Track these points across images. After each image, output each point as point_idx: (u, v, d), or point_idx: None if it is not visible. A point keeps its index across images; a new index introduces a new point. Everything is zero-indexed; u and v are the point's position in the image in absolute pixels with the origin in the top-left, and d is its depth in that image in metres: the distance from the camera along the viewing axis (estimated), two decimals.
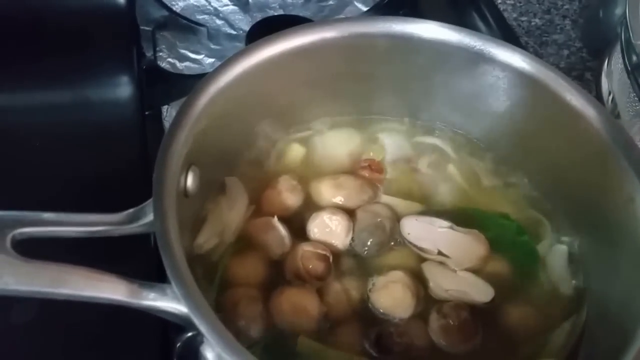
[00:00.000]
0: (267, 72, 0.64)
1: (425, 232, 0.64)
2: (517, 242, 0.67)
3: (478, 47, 0.65)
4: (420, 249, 0.64)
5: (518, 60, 0.64)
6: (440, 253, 0.64)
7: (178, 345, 0.63)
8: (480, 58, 0.65)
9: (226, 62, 0.62)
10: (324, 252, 0.63)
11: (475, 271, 0.63)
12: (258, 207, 0.66)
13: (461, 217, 0.67)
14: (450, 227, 0.64)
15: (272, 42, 0.64)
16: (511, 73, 0.65)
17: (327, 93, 0.71)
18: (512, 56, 0.65)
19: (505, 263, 0.65)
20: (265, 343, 0.59)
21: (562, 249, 0.66)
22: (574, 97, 0.62)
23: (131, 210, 0.54)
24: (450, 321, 0.60)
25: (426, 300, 0.62)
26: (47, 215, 0.51)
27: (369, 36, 0.66)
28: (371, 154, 0.72)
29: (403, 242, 0.65)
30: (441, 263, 0.64)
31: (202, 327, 0.47)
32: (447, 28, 0.65)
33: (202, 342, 0.53)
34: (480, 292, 0.62)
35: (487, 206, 0.69)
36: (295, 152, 0.71)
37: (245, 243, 0.64)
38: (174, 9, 0.98)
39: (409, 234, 0.65)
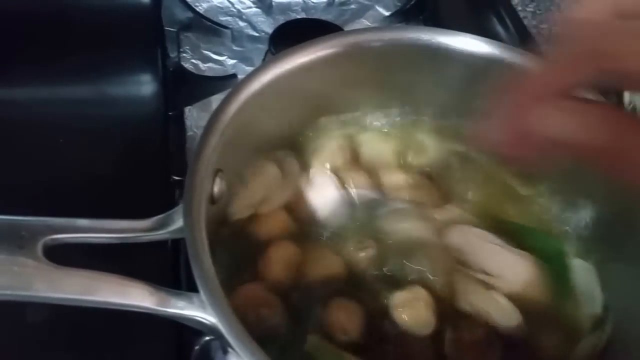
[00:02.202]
0: (297, 79, 0.64)
1: (474, 246, 0.63)
2: (557, 263, 0.66)
3: (508, 59, 0.65)
4: (464, 261, 0.63)
5: None
6: (483, 270, 0.62)
7: (196, 348, 0.63)
8: (510, 71, 0.65)
9: (258, 69, 0.62)
10: None
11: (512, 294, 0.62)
12: None
13: (505, 229, 0.66)
14: (502, 245, 0.63)
15: (302, 50, 0.63)
16: None
17: (354, 99, 0.71)
18: None
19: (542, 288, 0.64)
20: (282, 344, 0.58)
21: (587, 266, 0.66)
22: None
23: (160, 216, 0.53)
24: (465, 338, 0.59)
25: (446, 310, 0.61)
26: (79, 222, 0.51)
27: (399, 45, 0.66)
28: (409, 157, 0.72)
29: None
30: (477, 277, 0.63)
31: (231, 339, 0.47)
32: (478, 40, 0.65)
33: (226, 351, 0.54)
34: (506, 316, 0.61)
35: (518, 217, 0.69)
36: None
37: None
38: (198, 10, 0.99)
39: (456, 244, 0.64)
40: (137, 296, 0.49)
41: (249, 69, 0.94)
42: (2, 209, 0.50)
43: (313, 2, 1.04)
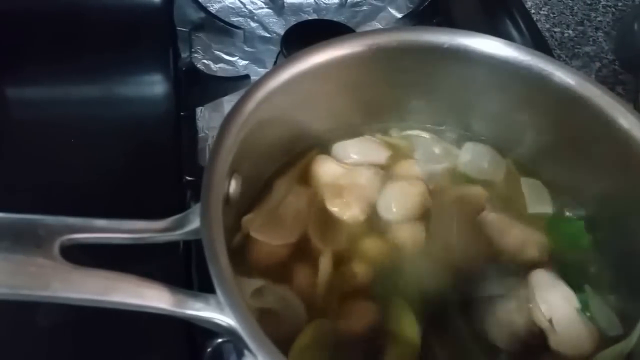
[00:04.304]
0: (313, 81, 0.63)
1: (552, 297, 0.61)
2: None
3: (526, 62, 0.64)
4: (536, 305, 0.61)
5: (568, 79, 0.63)
6: (550, 322, 0.60)
7: (208, 350, 0.63)
8: (534, 75, 0.64)
9: (274, 69, 0.61)
10: None
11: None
12: None
13: None
14: (578, 309, 0.61)
15: (318, 51, 0.63)
16: (560, 90, 0.64)
17: (370, 100, 0.70)
18: (562, 74, 0.63)
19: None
20: None
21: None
22: (622, 116, 0.61)
23: (176, 217, 0.53)
24: None
25: None
26: (97, 222, 0.50)
27: (417, 46, 0.66)
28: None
29: None
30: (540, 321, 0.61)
31: (249, 341, 0.46)
32: (498, 42, 0.65)
33: (242, 353, 0.53)
34: None
35: None
36: None
37: None
38: (210, 10, 0.98)
39: (538, 286, 0.62)
40: (154, 297, 0.48)
41: (261, 70, 0.93)
42: (14, 208, 0.50)
43: (325, 3, 1.04)
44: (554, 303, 0.61)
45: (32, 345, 0.65)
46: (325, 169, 0.68)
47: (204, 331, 0.51)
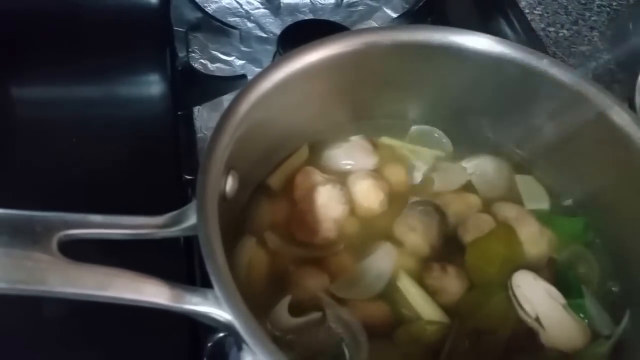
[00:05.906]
0: (308, 79, 0.63)
1: (535, 295, 0.61)
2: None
3: (519, 59, 0.64)
4: (520, 305, 0.61)
5: (562, 76, 0.64)
6: (537, 320, 0.61)
7: (209, 345, 0.63)
8: (527, 72, 0.65)
9: (268, 68, 0.61)
10: None
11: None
12: None
13: None
14: (564, 305, 0.61)
15: (312, 49, 0.63)
16: (559, 89, 0.64)
17: (364, 99, 0.71)
18: (556, 72, 0.64)
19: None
20: None
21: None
22: (617, 115, 0.61)
23: (173, 213, 0.53)
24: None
25: None
26: (94, 217, 0.50)
27: (410, 44, 0.66)
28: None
29: None
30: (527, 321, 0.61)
31: (246, 335, 0.46)
32: (490, 39, 0.65)
33: (241, 347, 0.53)
34: None
35: None
36: None
37: None
38: (207, 10, 0.99)
39: (518, 286, 0.62)
40: (151, 292, 0.48)
41: (258, 70, 0.93)
42: (16, 204, 0.50)
43: (321, 4, 1.04)
44: (538, 301, 0.61)
45: (37, 336, 0.66)
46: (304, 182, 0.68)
47: (206, 325, 0.51)
